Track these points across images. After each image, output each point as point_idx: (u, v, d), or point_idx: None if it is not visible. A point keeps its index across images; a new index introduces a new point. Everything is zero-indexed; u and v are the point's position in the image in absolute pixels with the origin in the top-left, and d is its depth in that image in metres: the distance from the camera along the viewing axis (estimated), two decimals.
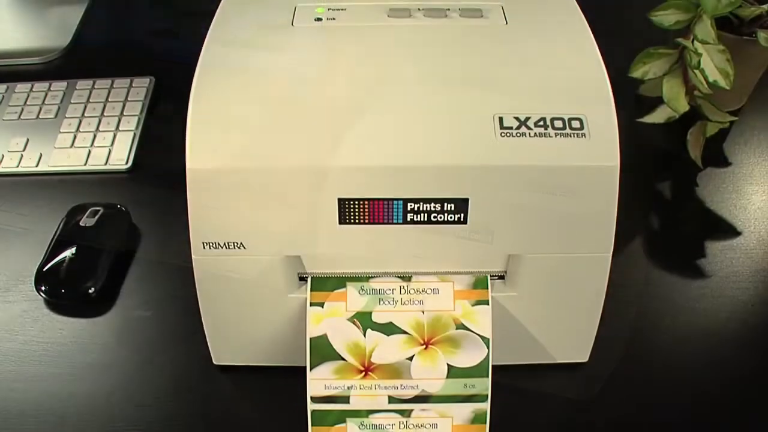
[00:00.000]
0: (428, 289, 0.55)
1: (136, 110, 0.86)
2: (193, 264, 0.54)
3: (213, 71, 0.54)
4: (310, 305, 0.55)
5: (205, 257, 0.53)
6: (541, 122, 0.50)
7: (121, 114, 0.85)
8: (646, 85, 0.84)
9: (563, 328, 0.59)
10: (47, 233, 0.71)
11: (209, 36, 0.57)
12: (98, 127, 0.84)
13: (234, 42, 0.56)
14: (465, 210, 0.51)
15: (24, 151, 0.81)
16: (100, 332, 0.65)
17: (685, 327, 0.65)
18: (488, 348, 0.54)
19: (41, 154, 0.81)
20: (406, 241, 0.53)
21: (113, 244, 0.70)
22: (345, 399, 0.54)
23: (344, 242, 0.53)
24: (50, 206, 0.76)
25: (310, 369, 0.54)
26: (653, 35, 0.79)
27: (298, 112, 0.51)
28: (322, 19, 0.58)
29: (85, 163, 0.80)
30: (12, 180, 0.80)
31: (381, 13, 0.58)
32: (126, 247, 0.72)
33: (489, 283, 0.56)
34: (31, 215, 0.76)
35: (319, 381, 0.54)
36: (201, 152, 0.50)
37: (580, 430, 0.59)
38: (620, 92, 0.53)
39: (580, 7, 0.59)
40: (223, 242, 0.53)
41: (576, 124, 0.50)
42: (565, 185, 0.51)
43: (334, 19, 0.58)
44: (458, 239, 0.53)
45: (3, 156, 0.81)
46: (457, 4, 0.59)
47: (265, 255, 0.53)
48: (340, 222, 0.52)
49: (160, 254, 0.72)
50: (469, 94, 0.52)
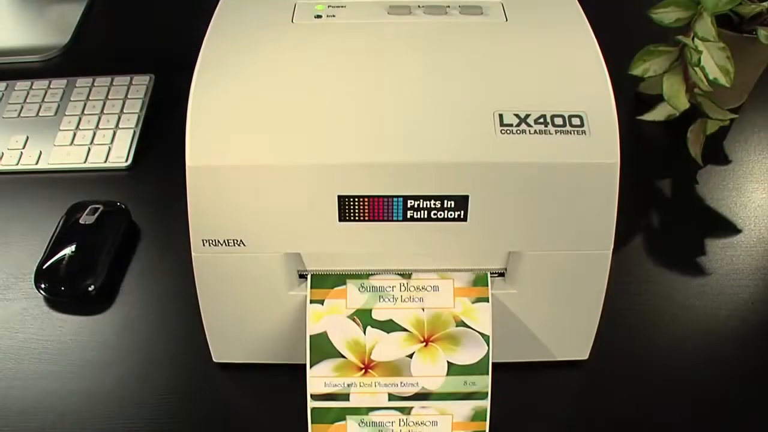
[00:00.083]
0: (428, 286, 0.55)
1: (136, 108, 0.86)
2: (193, 261, 0.54)
3: (213, 68, 0.53)
4: (310, 302, 0.55)
5: (204, 254, 0.53)
6: (541, 119, 0.50)
7: (121, 112, 0.85)
8: (646, 83, 0.84)
9: (563, 326, 0.59)
10: (47, 231, 0.71)
11: (209, 33, 0.56)
12: (98, 124, 0.84)
13: (234, 39, 0.56)
14: (465, 207, 0.51)
15: (24, 148, 0.81)
16: (100, 330, 0.65)
17: (686, 325, 0.65)
18: (488, 345, 0.54)
19: (41, 152, 0.81)
20: (406, 238, 0.53)
21: (113, 242, 0.70)
22: (345, 396, 0.54)
23: (344, 239, 0.53)
24: (50, 204, 0.76)
25: (310, 366, 0.54)
26: (653, 33, 0.78)
27: (298, 109, 0.51)
28: (321, 16, 0.58)
29: (85, 161, 0.80)
30: (12, 178, 0.80)
31: (381, 10, 0.58)
32: (125, 244, 0.72)
33: (489, 281, 0.56)
34: (31, 213, 0.76)
35: (319, 378, 0.54)
36: (201, 149, 0.50)
37: (580, 427, 0.59)
38: (620, 90, 0.53)
39: (580, 4, 0.59)
40: (223, 239, 0.53)
41: (576, 121, 0.50)
42: (566, 183, 0.51)
43: (334, 16, 0.58)
44: (458, 236, 0.53)
45: (3, 154, 0.81)
46: (457, 1, 0.59)
47: (265, 252, 0.53)
48: (340, 219, 0.52)
49: (160, 252, 0.72)
50: (469, 91, 0.52)
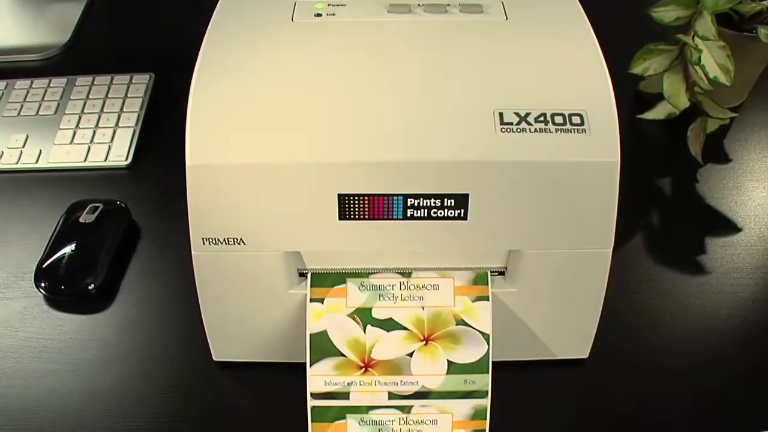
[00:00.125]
0: (428, 285, 0.55)
1: (136, 107, 0.86)
2: (193, 260, 0.54)
3: (213, 67, 0.53)
4: (310, 301, 0.55)
5: (204, 253, 0.53)
6: (542, 118, 0.50)
7: (121, 110, 0.85)
8: (646, 82, 0.84)
9: (563, 325, 0.59)
10: (47, 230, 0.71)
11: (209, 31, 0.56)
12: (98, 123, 0.84)
13: (234, 37, 0.56)
14: (465, 206, 0.51)
15: (23, 147, 0.81)
16: (100, 329, 0.65)
17: (686, 323, 0.65)
18: (488, 344, 0.54)
19: (41, 151, 0.81)
20: (406, 236, 0.53)
21: (113, 241, 0.70)
22: (345, 395, 0.54)
23: (344, 238, 0.53)
24: (50, 203, 0.75)
25: (310, 365, 0.54)
26: (653, 31, 0.78)
27: (298, 107, 0.51)
28: (321, 15, 0.58)
29: (85, 160, 0.80)
30: (11, 176, 0.80)
31: (381, 8, 0.58)
32: (125, 243, 0.72)
33: (489, 279, 0.56)
34: (31, 212, 0.76)
35: (319, 377, 0.54)
36: (201, 148, 0.50)
37: (581, 426, 0.59)
38: (620, 89, 0.53)
39: (580, 2, 0.59)
40: (223, 238, 0.53)
41: (576, 119, 0.50)
42: (566, 181, 0.51)
43: (334, 14, 0.58)
44: (458, 235, 0.52)
45: (2, 152, 0.81)
46: None
47: (264, 251, 0.53)
48: (340, 218, 0.51)
49: (160, 250, 0.72)
50: (470, 89, 0.52)
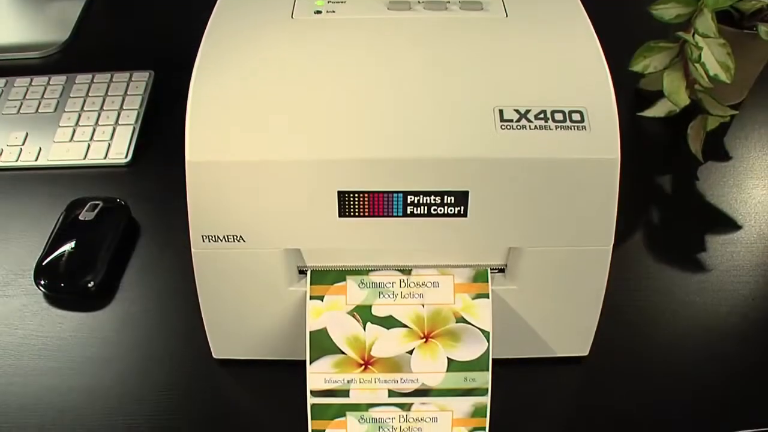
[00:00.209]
0: (428, 282, 0.55)
1: (136, 104, 0.85)
2: (193, 257, 0.54)
3: (212, 64, 0.53)
4: (310, 298, 0.55)
5: (204, 250, 0.53)
6: (542, 115, 0.50)
7: (121, 108, 0.85)
8: (646, 79, 0.84)
9: (563, 322, 0.59)
10: (46, 227, 0.71)
11: (208, 29, 0.56)
12: (97, 121, 0.84)
13: (233, 35, 0.56)
14: (465, 203, 0.51)
15: (23, 145, 0.81)
16: (100, 326, 0.65)
17: (686, 321, 0.65)
18: (488, 341, 0.54)
19: (40, 148, 0.81)
20: (406, 234, 0.53)
21: (112, 238, 0.70)
22: (345, 393, 0.54)
23: (344, 235, 0.53)
24: (49, 200, 0.75)
25: (310, 363, 0.54)
26: (654, 29, 0.78)
27: (298, 104, 0.51)
28: (321, 12, 0.57)
29: (85, 157, 0.80)
30: (11, 174, 0.80)
31: (381, 5, 0.58)
32: (125, 241, 0.72)
33: (489, 277, 0.55)
34: (31, 209, 0.76)
35: (319, 375, 0.54)
36: (200, 145, 0.50)
37: (580, 424, 0.59)
38: (620, 86, 0.53)
39: None
40: (223, 235, 0.52)
41: (576, 116, 0.50)
42: (566, 178, 0.51)
43: (334, 11, 0.58)
44: (458, 232, 0.52)
45: (2, 150, 0.81)
46: None
47: (264, 248, 0.53)
48: (340, 215, 0.51)
49: (160, 248, 0.72)
50: (470, 86, 0.52)
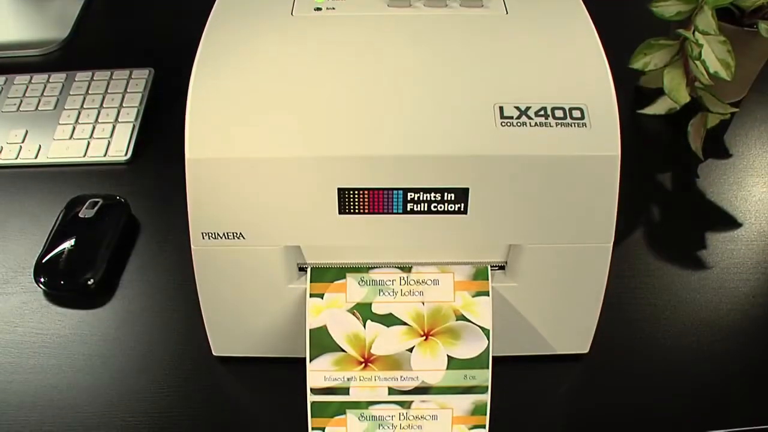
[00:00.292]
0: (428, 279, 0.55)
1: (136, 102, 0.85)
2: (193, 255, 0.54)
3: (212, 61, 0.53)
4: (310, 296, 0.55)
5: (204, 248, 0.53)
6: (542, 112, 0.50)
7: (121, 105, 0.85)
8: (646, 77, 0.84)
9: (564, 319, 0.59)
10: (46, 225, 0.71)
11: (208, 26, 0.56)
12: (97, 118, 0.83)
13: (233, 31, 0.56)
14: (465, 200, 0.51)
15: (23, 142, 0.81)
16: (100, 324, 0.65)
17: (686, 319, 0.65)
18: (488, 339, 0.54)
19: (40, 146, 0.81)
20: (406, 231, 0.53)
21: (112, 236, 0.70)
22: (345, 390, 0.54)
23: (344, 232, 0.52)
24: (49, 198, 0.75)
25: (310, 360, 0.54)
26: (654, 26, 0.78)
27: (298, 101, 0.51)
28: (321, 9, 0.57)
29: (84, 155, 0.80)
30: (11, 172, 0.80)
31: (381, 2, 0.58)
32: (125, 238, 0.72)
33: (489, 274, 0.55)
34: (30, 207, 0.76)
35: (319, 372, 0.54)
36: (200, 142, 0.50)
37: (581, 421, 0.59)
38: (621, 84, 0.53)
39: None
40: (223, 232, 0.52)
41: (577, 113, 0.50)
42: (566, 175, 0.51)
43: (334, 8, 0.57)
44: (458, 229, 0.52)
45: (2, 148, 0.81)
46: None
47: (264, 245, 0.53)
48: (340, 212, 0.51)
49: (160, 245, 0.72)
50: (470, 83, 0.52)
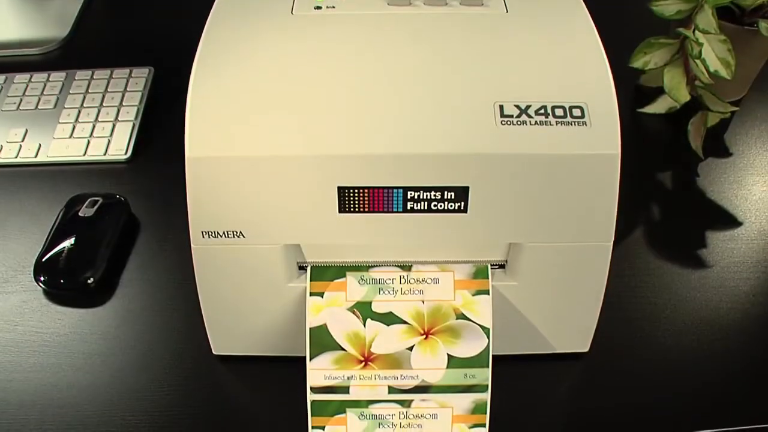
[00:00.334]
0: (428, 278, 0.55)
1: (135, 100, 0.85)
2: (193, 253, 0.54)
3: (212, 60, 0.53)
4: (310, 295, 0.55)
5: (204, 246, 0.53)
6: (542, 110, 0.50)
7: (120, 104, 0.85)
8: (646, 75, 0.84)
9: (564, 318, 0.59)
10: (46, 224, 0.71)
11: (208, 24, 0.56)
12: (97, 117, 0.83)
13: (233, 30, 0.56)
14: (465, 198, 0.51)
15: (23, 141, 0.81)
16: (100, 322, 0.65)
17: (686, 317, 0.65)
18: (489, 338, 0.54)
19: (40, 145, 0.81)
20: (406, 229, 0.52)
21: (112, 235, 0.70)
22: (345, 389, 0.54)
23: (344, 231, 0.52)
24: (49, 197, 0.75)
25: (310, 359, 0.54)
26: (654, 25, 0.78)
27: (298, 100, 0.51)
28: (321, 7, 0.57)
29: (84, 154, 0.80)
30: (11, 170, 0.79)
31: (381, 1, 0.58)
32: (125, 237, 0.72)
33: (489, 273, 0.55)
34: (30, 206, 0.75)
35: (319, 371, 0.54)
36: (200, 141, 0.50)
37: (581, 420, 0.59)
38: (621, 82, 0.53)
39: None
40: (223, 231, 0.52)
41: (577, 112, 0.50)
42: (566, 174, 0.51)
43: (334, 7, 0.57)
44: (458, 228, 0.52)
45: (2, 146, 0.81)
46: None
47: (264, 244, 0.53)
48: (340, 210, 0.51)
49: (159, 244, 0.72)
50: (470, 82, 0.52)
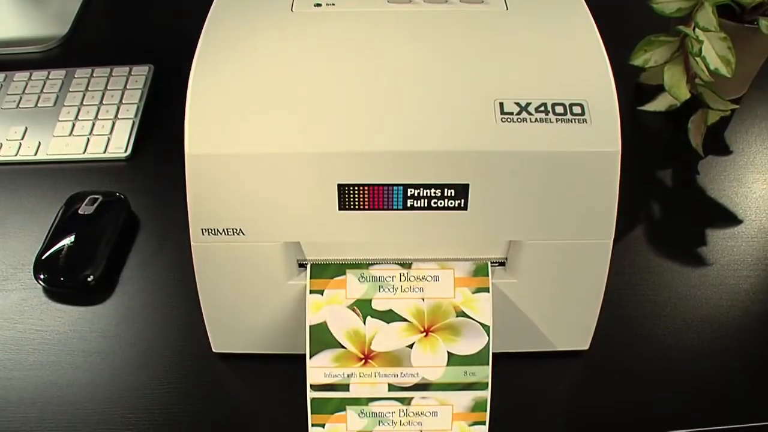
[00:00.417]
0: (428, 276, 0.55)
1: (135, 98, 0.85)
2: (192, 251, 0.54)
3: (212, 57, 0.53)
4: (310, 292, 0.55)
5: (204, 244, 0.53)
6: (542, 107, 0.50)
7: (120, 102, 0.85)
8: (647, 73, 0.84)
9: (564, 316, 0.59)
10: (46, 221, 0.71)
11: (208, 22, 0.56)
12: (97, 115, 0.83)
13: (233, 28, 0.56)
14: (465, 196, 0.51)
15: (22, 139, 0.81)
16: (99, 320, 0.65)
17: (686, 315, 0.65)
18: (489, 336, 0.54)
19: (40, 143, 0.81)
20: (406, 227, 0.52)
21: (112, 232, 0.70)
22: (345, 387, 0.54)
23: (344, 228, 0.52)
24: (49, 194, 0.75)
25: (310, 357, 0.54)
26: (654, 22, 0.78)
27: (298, 97, 0.51)
28: (321, 5, 0.57)
29: (84, 152, 0.80)
30: (10, 168, 0.79)
31: None
32: (125, 235, 0.72)
33: (489, 270, 0.55)
34: (30, 203, 0.75)
35: (319, 369, 0.54)
36: (200, 138, 0.50)
37: (581, 418, 0.59)
38: (621, 80, 0.53)
39: None
40: (222, 229, 0.52)
41: (577, 109, 0.50)
42: (566, 171, 0.50)
43: (334, 4, 0.57)
44: (459, 225, 0.52)
45: (1, 144, 0.81)
46: None
47: (264, 241, 0.53)
48: (340, 208, 0.51)
49: (159, 242, 0.72)
50: (470, 79, 0.52)
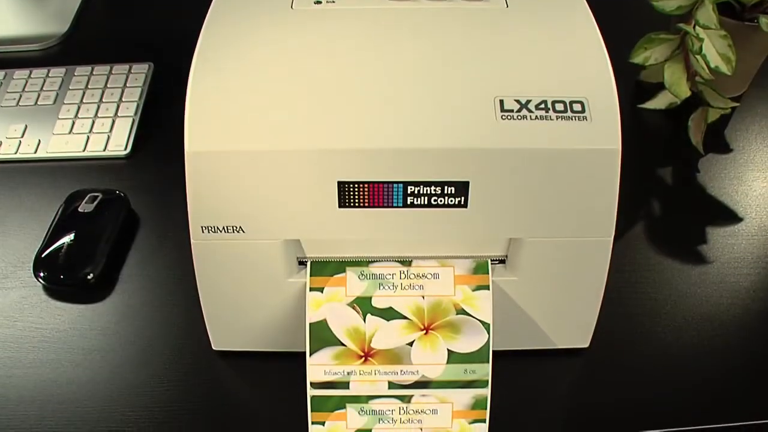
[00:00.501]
0: (428, 273, 0.55)
1: (135, 96, 0.85)
2: (192, 248, 0.54)
3: (212, 55, 0.53)
4: (310, 290, 0.55)
5: (204, 241, 0.53)
6: (543, 105, 0.50)
7: (120, 100, 0.85)
8: (647, 71, 0.84)
9: (564, 313, 0.59)
10: (46, 219, 0.71)
11: (208, 20, 0.56)
12: (97, 113, 0.83)
13: (233, 25, 0.56)
14: (465, 193, 0.51)
15: (22, 137, 0.81)
16: (99, 318, 0.65)
17: (687, 313, 0.65)
18: (489, 333, 0.54)
19: (40, 141, 0.81)
20: (406, 224, 0.52)
21: (112, 230, 0.70)
22: (345, 385, 0.54)
23: (344, 226, 0.52)
24: (49, 192, 0.75)
25: (310, 354, 0.54)
26: (655, 20, 0.78)
27: (298, 95, 0.51)
28: (321, 2, 0.57)
29: (84, 149, 0.80)
30: (10, 166, 0.79)
31: None
32: (125, 233, 0.72)
33: (490, 268, 0.55)
34: (30, 201, 0.75)
35: (319, 367, 0.54)
36: (200, 135, 0.50)
37: (581, 416, 0.59)
38: (621, 78, 0.53)
39: None
40: (222, 226, 0.52)
41: (577, 107, 0.50)
42: (567, 169, 0.50)
43: (334, 2, 0.57)
44: (459, 223, 0.52)
45: (1, 142, 0.81)
46: None
47: (264, 239, 0.53)
48: (340, 205, 0.51)
49: (159, 240, 0.71)
50: (470, 76, 0.52)
